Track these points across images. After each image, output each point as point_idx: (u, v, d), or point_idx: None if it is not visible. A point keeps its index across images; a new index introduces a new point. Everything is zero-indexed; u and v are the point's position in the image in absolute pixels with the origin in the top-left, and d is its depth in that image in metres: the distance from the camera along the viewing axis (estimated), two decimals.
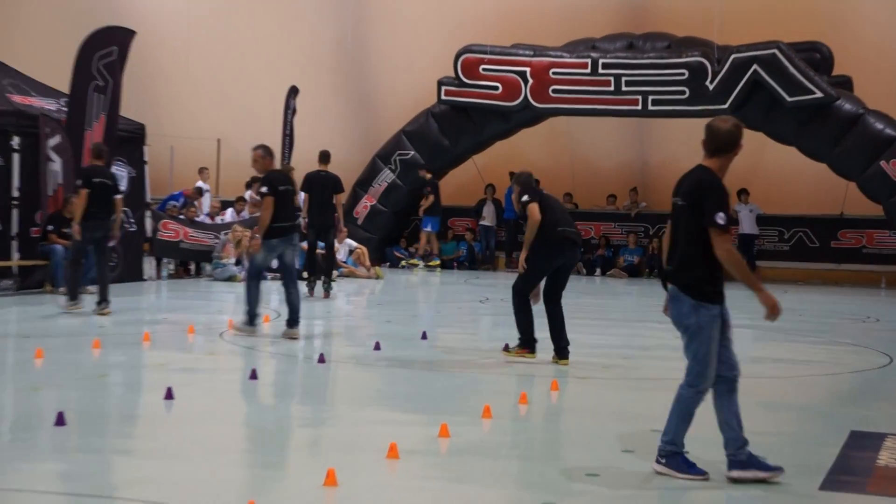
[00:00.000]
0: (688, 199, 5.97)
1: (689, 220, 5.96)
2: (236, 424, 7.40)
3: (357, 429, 7.25)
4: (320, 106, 26.49)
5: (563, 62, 23.50)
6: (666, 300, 6.20)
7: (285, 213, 11.93)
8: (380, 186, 24.81)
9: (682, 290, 6.01)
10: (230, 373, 9.71)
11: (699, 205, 5.90)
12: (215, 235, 20.47)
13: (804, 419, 8.17)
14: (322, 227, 17.08)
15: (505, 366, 10.33)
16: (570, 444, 7.11)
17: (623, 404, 8.51)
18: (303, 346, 11.78)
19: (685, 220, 5.98)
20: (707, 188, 5.94)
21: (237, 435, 7.07)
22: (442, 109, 24.37)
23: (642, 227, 25.34)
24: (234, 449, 6.66)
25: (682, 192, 6.05)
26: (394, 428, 7.24)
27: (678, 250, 6.05)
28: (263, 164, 12.17)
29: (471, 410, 7.85)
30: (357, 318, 15.34)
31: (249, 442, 6.91)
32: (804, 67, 21.91)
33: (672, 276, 6.09)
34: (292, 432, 7.35)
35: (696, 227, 5.93)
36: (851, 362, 11.29)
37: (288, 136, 24.33)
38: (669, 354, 11.89)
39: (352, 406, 8.18)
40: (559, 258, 10.23)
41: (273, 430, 7.30)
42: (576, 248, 10.38)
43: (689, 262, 5.98)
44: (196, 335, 11.92)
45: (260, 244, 11.80)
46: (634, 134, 26.40)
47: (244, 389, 8.73)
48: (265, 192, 11.81)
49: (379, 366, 10.16)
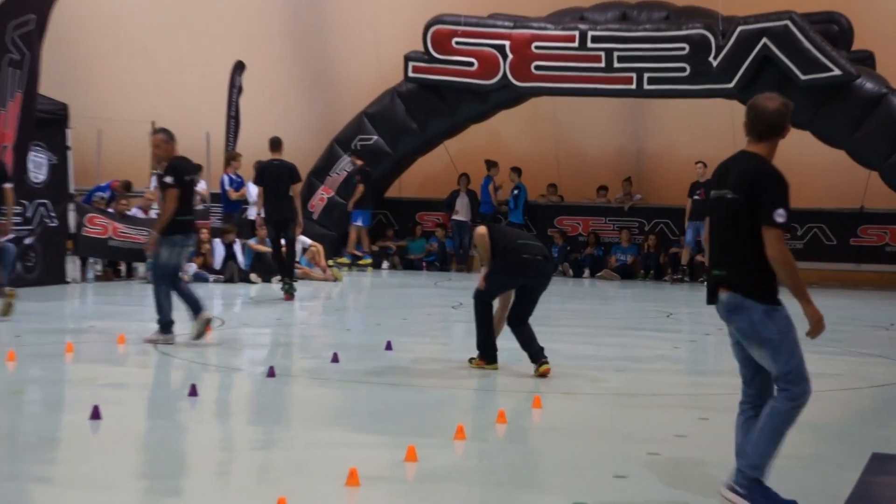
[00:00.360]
0: (741, 192, 5.87)
1: (744, 217, 5.86)
2: (173, 448, 7.36)
3: (312, 452, 7.23)
4: (270, 84, 26.42)
5: (547, 35, 23.54)
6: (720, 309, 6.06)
7: (189, 206, 12.12)
8: (339, 176, 24.78)
9: (749, 296, 5.88)
10: (166, 389, 9.65)
11: (755, 199, 5.83)
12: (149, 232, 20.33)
13: (820, 440, 8.21)
14: (281, 222, 17.21)
15: (480, 379, 10.33)
16: (554, 469, 7.12)
17: (615, 423, 8.52)
18: (250, 359, 11.73)
19: (739, 217, 5.88)
20: (765, 179, 5.86)
21: (174, 460, 7.03)
22: (409, 88, 24.36)
23: (636, 223, 25.43)
24: (171, 476, 6.62)
25: (730, 183, 5.95)
26: (354, 451, 7.22)
27: (731, 251, 5.94)
28: (166, 150, 12.22)
29: (442, 431, 7.83)
30: (312, 326, 15.30)
31: (188, 468, 6.88)
32: (820, 41, 22.04)
33: (729, 283, 5.94)
34: (238, 456, 7.31)
35: (754, 223, 5.85)
36: (873, 375, 11.36)
37: (233, 118, 24.26)
38: (667, 367, 11.95)
39: (306, 426, 8.16)
40: (519, 278, 10.52)
41: (216, 454, 7.26)
42: (541, 264, 10.59)
43: (751, 264, 5.87)
44: (127, 346, 11.85)
45: (156, 241, 11.84)
46: (628, 117, 26.49)
47: (182, 408, 8.69)
48: (169, 182, 11.89)
49: (337, 380, 10.14)
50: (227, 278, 20.54)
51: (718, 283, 6.01)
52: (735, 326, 5.97)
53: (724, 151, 26.33)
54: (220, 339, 12.81)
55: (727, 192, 5.97)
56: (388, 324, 14.72)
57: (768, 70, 22.26)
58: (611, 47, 23.16)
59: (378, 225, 26.23)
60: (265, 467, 6.92)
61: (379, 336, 12.91)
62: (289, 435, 7.86)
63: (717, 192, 6.05)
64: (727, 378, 11.17)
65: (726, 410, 9.03)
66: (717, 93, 22.90)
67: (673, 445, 7.69)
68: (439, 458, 7.08)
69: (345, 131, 25.01)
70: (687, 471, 7.00)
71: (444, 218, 26.00)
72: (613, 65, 23.15)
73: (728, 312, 5.98)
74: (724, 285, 5.98)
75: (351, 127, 24.93)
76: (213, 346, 12.23)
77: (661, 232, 24.88)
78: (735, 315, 5.95)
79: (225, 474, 6.81)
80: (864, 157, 22.45)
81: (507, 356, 10.85)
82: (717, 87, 22.59)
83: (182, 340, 12.12)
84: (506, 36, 23.69)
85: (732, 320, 5.97)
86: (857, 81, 21.96)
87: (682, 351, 13.37)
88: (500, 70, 23.64)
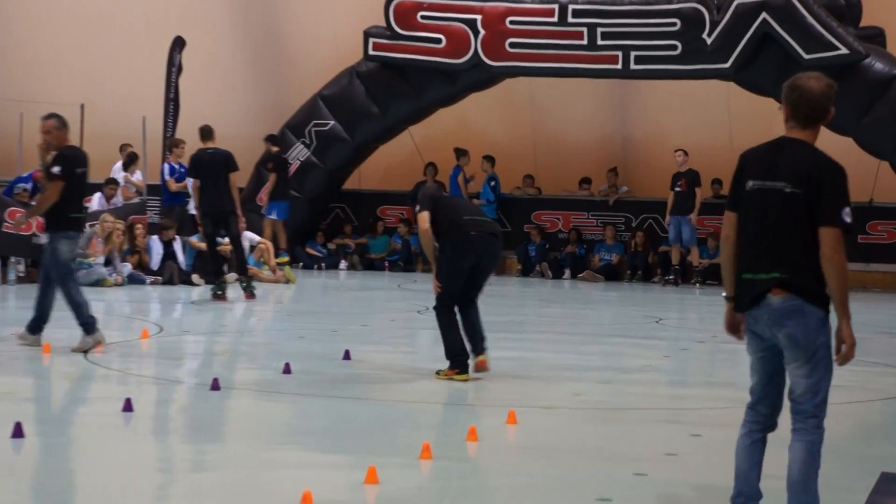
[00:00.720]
0: (803, 186, 5.80)
1: (805, 213, 5.80)
2: (105, 469, 7.34)
3: (261, 473, 7.23)
4: (213, 62, 26.34)
5: (523, 8, 23.58)
6: (731, 318, 6.02)
7: (80, 203, 12.28)
8: (291, 166, 24.73)
9: (812, 301, 5.83)
10: (98, 403, 9.62)
11: (817, 194, 5.78)
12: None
13: (825, 458, 8.24)
14: (220, 216, 17.50)
15: (449, 393, 10.35)
16: (531, 492, 7.14)
17: (598, 441, 8.56)
18: (192, 370, 11.71)
19: (800, 213, 5.81)
20: (829, 173, 5.83)
21: (106, 482, 7.01)
22: (370, 68, 24.34)
23: (622, 218, 25.51)
24: (101, 500, 6.59)
25: (785, 175, 5.85)
26: (308, 472, 7.23)
27: (790, 251, 5.85)
28: (58, 138, 12.25)
29: (406, 449, 7.85)
30: (261, 333, 15.28)
31: (122, 491, 6.86)
32: (825, 16, 22.17)
33: (789, 285, 5.84)
34: (177, 479, 7.30)
35: (815, 221, 5.80)
36: (883, 387, 11.45)
37: (172, 101, 24.16)
38: (656, 378, 12.01)
39: (254, 445, 8.15)
40: (470, 256, 10.79)
41: (152, 476, 7.25)
42: (490, 241, 10.91)
43: (810, 265, 5.81)
44: (53, 355, 11.79)
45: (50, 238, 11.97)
46: (613, 100, 26.57)
47: (116, 424, 8.67)
48: (56, 172, 11.95)
49: (289, 393, 10.13)
50: (165, 280, 20.47)
51: (771, 286, 5.86)
52: (786, 333, 5.85)
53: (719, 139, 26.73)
54: (158, 347, 12.77)
55: (783, 184, 5.85)
56: (346, 330, 14.72)
57: (768, 48, 22.35)
58: (594, 22, 23.20)
59: (335, 220, 26.21)
60: (208, 491, 6.91)
61: (336, 344, 12.90)
62: (235, 455, 7.85)
63: (762, 183, 5.91)
64: (721, 391, 11.26)
65: (720, 426, 9.11)
66: (712, 73, 22.99)
67: (662, 465, 7.74)
68: (403, 480, 7.09)
69: (297, 115, 24.96)
70: (678, 493, 7.04)
71: (408, 213, 25.95)
72: (597, 42, 23.20)
73: (781, 317, 5.85)
74: (781, 287, 5.85)
75: (304, 111, 24.88)
76: (150, 356, 12.20)
77: (650, 228, 24.96)
78: (790, 320, 5.84)
79: (162, 499, 6.80)
80: (873, 146, 22.59)
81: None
82: (711, 67, 22.67)
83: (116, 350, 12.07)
84: (477, 10, 23.70)
85: (785, 326, 5.85)
86: (866, 61, 22.09)
87: (672, 361, 13.43)
88: (470, 48, 23.65)
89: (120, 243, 20.25)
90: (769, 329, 5.89)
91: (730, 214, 6.06)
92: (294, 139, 24.78)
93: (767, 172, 5.92)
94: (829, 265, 5.79)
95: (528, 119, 26.78)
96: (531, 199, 26.05)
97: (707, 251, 24.33)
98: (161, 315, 16.65)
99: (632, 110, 26.74)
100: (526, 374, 11.56)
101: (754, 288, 5.92)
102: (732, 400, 10.65)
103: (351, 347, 12.29)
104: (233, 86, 26.93)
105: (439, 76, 24.00)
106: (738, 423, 9.19)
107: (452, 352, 10.82)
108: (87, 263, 19.66)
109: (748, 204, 5.96)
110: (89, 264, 19.68)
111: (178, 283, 20.52)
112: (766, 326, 5.90)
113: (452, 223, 10.82)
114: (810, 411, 5.95)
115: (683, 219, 23.17)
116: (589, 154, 26.64)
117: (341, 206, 26.39)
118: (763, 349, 5.99)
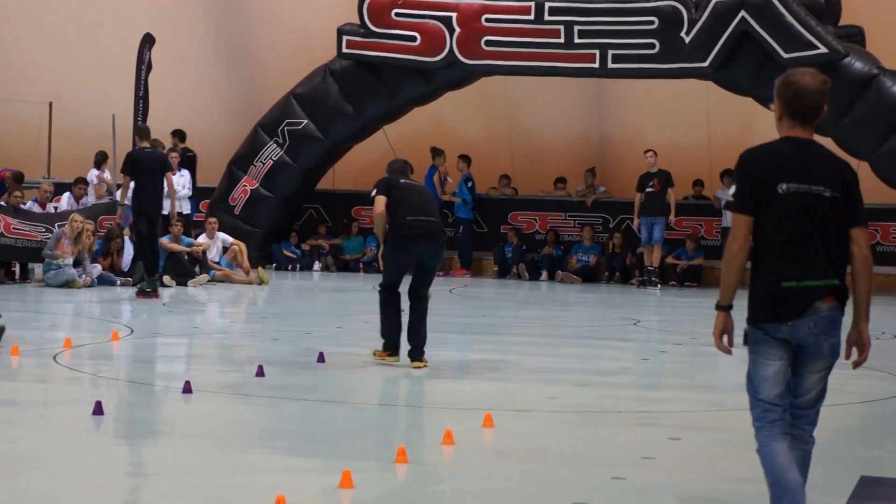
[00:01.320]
0: (841, 190, 5.75)
1: (843, 216, 5.77)
2: (75, 473, 7.32)
3: (233, 478, 7.23)
4: (184, 60, 26.29)
5: (499, 6, 23.59)
6: (724, 326, 5.87)
7: None
8: (263, 165, 24.70)
9: (844, 306, 5.81)
10: (67, 406, 9.59)
11: (848, 197, 5.77)
12: (47, 228, 20.21)
13: None
14: (155, 215, 18.33)
15: (424, 396, 10.35)
16: (507, 496, 7.15)
17: (575, 445, 8.58)
18: (163, 373, 11.68)
19: (838, 217, 5.76)
20: (851, 174, 5.83)
21: (76, 487, 7.00)
22: (343, 66, 24.33)
23: (600, 219, 25.56)
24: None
25: (820, 178, 5.76)
26: (281, 476, 7.23)
27: (838, 257, 5.77)
28: None
29: (381, 453, 7.85)
30: (234, 336, 15.26)
31: (92, 496, 6.85)
32: (804, 15, 22.26)
33: (838, 293, 5.76)
34: (147, 483, 7.29)
35: (845, 222, 5.78)
36: (861, 389, 11.51)
37: (142, 98, 24.10)
38: (634, 381, 12.04)
39: (226, 449, 8.15)
40: (411, 253, 11.54)
41: (123, 480, 7.24)
42: (430, 242, 11.59)
43: (845, 270, 5.79)
44: (22, 357, 11.75)
45: None
46: (590, 100, 26.62)
47: (85, 428, 8.64)
48: None
49: (262, 396, 10.13)
50: (136, 281, 20.39)
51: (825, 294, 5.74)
52: (832, 342, 5.77)
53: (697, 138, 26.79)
54: (129, 350, 12.74)
55: (822, 188, 5.74)
56: (320, 333, 14.71)
57: (747, 47, 22.43)
58: (571, 20, 23.24)
59: (309, 221, 26.19)
60: (180, 496, 6.90)
61: (310, 346, 12.90)
62: (207, 459, 7.84)
63: (798, 186, 5.75)
64: (700, 394, 11.30)
65: (699, 430, 9.15)
66: (690, 72, 23.05)
67: (640, 469, 7.76)
68: (378, 485, 7.10)
69: (270, 114, 24.92)
70: (656, 498, 7.07)
71: None
72: (574, 40, 23.23)
73: (828, 326, 5.75)
74: (832, 296, 5.75)
75: (277, 109, 24.84)
76: (121, 359, 12.17)
77: (628, 229, 24.98)
78: (834, 329, 5.76)
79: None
80: (852, 146, 22.64)
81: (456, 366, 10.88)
82: (689, 66, 22.73)
83: (86, 352, 12.04)
84: (452, 7, 23.71)
85: (831, 335, 5.76)
86: (846, 60, 22.19)
87: (650, 363, 13.47)
88: (445, 46, 23.66)
89: (90, 244, 20.19)
90: (814, 337, 5.75)
91: (745, 219, 5.77)
92: (267, 138, 24.73)
93: (801, 175, 5.76)
94: (865, 266, 5.78)
95: (505, 118, 26.81)
96: (508, 199, 26.08)
97: (685, 253, 24.40)
98: (132, 317, 16.60)
99: (609, 110, 26.80)
100: (502, 377, 11.58)
101: (805, 296, 5.73)
102: (711, 403, 10.71)
103: (325, 349, 12.29)
104: (204, 84, 26.88)
105: (414, 75, 24.01)
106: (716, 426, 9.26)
107: (387, 334, 11.67)
108: (57, 264, 19.61)
109: (783, 208, 5.74)
110: (59, 265, 19.62)
111: None
112: (811, 335, 5.74)
113: (395, 222, 11.50)
114: (812, 418, 5.93)
115: (656, 220, 23.21)
116: (566, 154, 26.68)
117: (315, 207, 26.37)
118: (784, 357, 5.82)
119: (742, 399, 10.90)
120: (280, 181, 24.77)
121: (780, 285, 5.72)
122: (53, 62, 26.80)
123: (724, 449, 8.55)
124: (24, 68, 26.92)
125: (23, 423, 8.72)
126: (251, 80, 27.16)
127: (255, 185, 24.77)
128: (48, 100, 26.09)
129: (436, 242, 11.69)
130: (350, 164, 26.31)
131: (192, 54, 26.68)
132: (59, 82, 26.47)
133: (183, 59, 26.16)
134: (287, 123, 24.60)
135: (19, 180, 21.95)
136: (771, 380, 5.84)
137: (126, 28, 25.31)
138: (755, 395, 5.89)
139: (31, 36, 27.18)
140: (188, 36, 26.64)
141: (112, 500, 6.75)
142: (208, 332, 15.24)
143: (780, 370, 5.83)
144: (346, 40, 24.09)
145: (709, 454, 8.38)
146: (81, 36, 26.82)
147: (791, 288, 5.72)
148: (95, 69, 26.32)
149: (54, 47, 26.89)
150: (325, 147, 24.87)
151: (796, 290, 5.72)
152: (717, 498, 7.17)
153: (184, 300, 18.75)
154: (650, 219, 23.19)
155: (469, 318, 17.49)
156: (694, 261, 24.38)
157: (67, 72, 26.62)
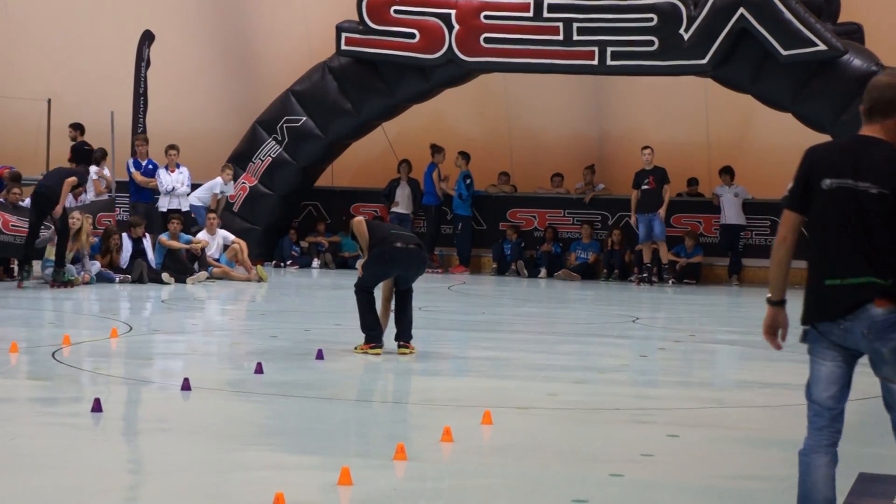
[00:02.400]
0: (890, 187, 5.58)
1: (892, 214, 5.58)
2: (74, 470, 7.33)
3: (232, 475, 7.23)
4: (183, 57, 26.28)
5: (499, 3, 23.60)
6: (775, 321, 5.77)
7: None
8: (262, 162, 24.72)
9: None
10: (66, 404, 9.59)
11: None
12: (45, 225, 20.19)
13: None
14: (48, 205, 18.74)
15: (423, 393, 10.36)
16: (506, 493, 7.16)
17: (574, 442, 8.58)
18: (162, 370, 11.69)
19: (885, 214, 5.59)
20: None
21: (74, 484, 7.00)
22: (342, 63, 24.33)
23: (599, 216, 25.56)
24: (71, 503, 6.58)
25: (871, 175, 5.63)
26: (280, 474, 7.23)
27: (887, 256, 5.59)
28: None
29: (380, 450, 7.86)
30: (233, 333, 15.27)
31: (91, 494, 6.86)
32: (803, 12, 22.27)
33: (891, 294, 5.56)
34: (147, 480, 7.30)
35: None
36: (858, 386, 11.46)
37: (142, 95, 24.11)
38: (633, 378, 12.05)
39: (226, 445, 8.15)
40: (392, 268, 12.15)
41: (122, 478, 7.25)
42: (412, 254, 12.16)
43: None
44: (20, 355, 11.76)
45: None
46: (590, 97, 26.62)
47: (85, 425, 8.65)
48: None
49: (261, 393, 10.13)
50: (135, 278, 20.41)
51: (873, 296, 5.57)
52: (889, 348, 5.59)
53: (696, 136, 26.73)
54: (128, 347, 12.75)
55: (868, 185, 5.61)
56: (319, 330, 14.72)
57: (746, 44, 22.44)
58: (570, 17, 23.25)
59: (308, 218, 26.18)
60: (179, 493, 6.91)
61: (309, 343, 12.91)
62: (206, 456, 7.84)
63: (842, 181, 5.66)
64: (698, 391, 11.32)
65: (697, 427, 9.16)
66: (689, 70, 23.06)
67: (638, 466, 7.77)
68: (377, 482, 7.11)
69: (269, 111, 24.93)
70: (654, 495, 7.07)
71: (382, 210, 25.98)
72: (573, 37, 23.25)
73: (884, 331, 5.56)
74: (884, 298, 5.56)
75: (275, 106, 24.85)
76: (119, 356, 12.17)
77: (627, 226, 24.99)
78: (892, 333, 5.57)
79: (132, 501, 6.79)
80: None
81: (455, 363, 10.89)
82: (688, 63, 22.74)
83: (85, 349, 12.04)
84: (451, 4, 23.72)
85: (889, 340, 5.58)
86: (845, 58, 22.19)
87: (649, 360, 13.48)
88: (444, 43, 23.66)
89: (89, 241, 20.17)
90: (868, 342, 5.61)
91: (791, 214, 5.75)
92: (265, 136, 24.75)
93: (849, 171, 5.66)
94: None
95: (504, 116, 26.81)
96: (506, 196, 26.09)
97: (685, 250, 24.42)
98: (130, 314, 16.61)
99: (608, 107, 26.79)
100: (501, 374, 11.59)
101: (849, 294, 5.60)
102: (709, 400, 10.73)
103: (324, 347, 12.30)
104: (203, 80, 26.88)
105: (413, 72, 24.01)
106: (714, 423, 9.27)
107: (367, 327, 12.19)
108: (54, 261, 19.58)
109: (826, 204, 5.67)
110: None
111: (148, 281, 20.46)
112: (864, 339, 5.61)
113: (377, 236, 12.16)
114: None
115: (653, 216, 23.25)
116: (565, 151, 26.68)
117: (314, 204, 26.36)
118: (839, 359, 5.75)
119: (740, 396, 10.97)
120: (279, 178, 24.77)
121: (823, 283, 5.64)
122: (52, 59, 26.79)
123: (722, 446, 8.56)
124: (23, 65, 26.91)
125: (21, 421, 8.73)
126: (250, 77, 27.15)
127: (254, 183, 24.78)
128: (47, 97, 26.08)
129: (417, 259, 12.24)
130: (349, 161, 26.32)
131: (191, 52, 26.68)
132: (58, 79, 26.45)
133: (182, 57, 26.15)
134: (286, 120, 24.61)
135: (17, 181, 21.92)
136: (823, 381, 5.78)
137: (125, 25, 25.30)
138: (808, 395, 5.86)
139: (29, 33, 27.17)
140: (187, 33, 26.63)
141: (111, 497, 6.76)
142: (207, 329, 15.24)
143: (832, 371, 5.76)
144: (345, 37, 24.10)
145: (707, 451, 8.38)
146: (80, 33, 26.81)
147: (835, 286, 5.62)
148: (94, 66, 26.31)
149: (53, 44, 26.88)
150: (324, 144, 24.88)
151: (840, 288, 5.60)
152: (716, 494, 7.18)
153: (182, 297, 18.75)
154: (647, 216, 23.22)
155: (468, 315, 17.49)
156: (693, 258, 24.39)
157: (66, 69, 26.60)
